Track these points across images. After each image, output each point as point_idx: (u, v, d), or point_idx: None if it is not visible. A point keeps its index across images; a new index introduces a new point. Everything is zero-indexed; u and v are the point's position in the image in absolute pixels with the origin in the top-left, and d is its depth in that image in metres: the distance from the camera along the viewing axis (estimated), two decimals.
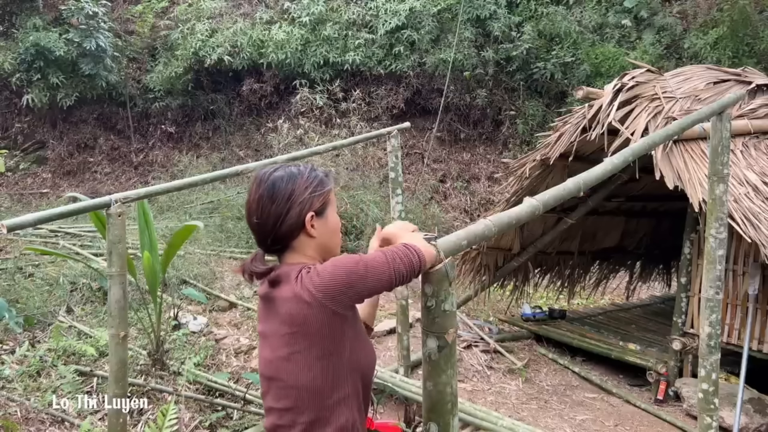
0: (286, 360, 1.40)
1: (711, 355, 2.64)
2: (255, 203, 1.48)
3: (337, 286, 1.33)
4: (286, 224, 1.46)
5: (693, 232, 4.87)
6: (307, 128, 9.61)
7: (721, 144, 2.57)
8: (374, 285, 1.34)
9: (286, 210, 1.46)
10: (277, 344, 1.42)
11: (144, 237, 4.04)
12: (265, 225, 1.47)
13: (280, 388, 1.43)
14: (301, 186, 1.48)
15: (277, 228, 1.46)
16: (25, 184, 11.63)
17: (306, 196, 1.48)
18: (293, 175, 1.49)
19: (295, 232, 1.48)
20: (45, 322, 4.66)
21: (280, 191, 1.47)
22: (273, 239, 1.48)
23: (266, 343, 1.47)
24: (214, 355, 4.49)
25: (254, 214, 1.48)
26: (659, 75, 4.93)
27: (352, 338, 1.43)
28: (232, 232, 7.99)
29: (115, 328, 2.83)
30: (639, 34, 10.86)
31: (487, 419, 3.72)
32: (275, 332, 1.42)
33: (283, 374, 1.41)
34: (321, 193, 1.51)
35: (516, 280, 6.53)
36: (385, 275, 1.34)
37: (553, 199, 1.90)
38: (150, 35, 12.60)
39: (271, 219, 1.46)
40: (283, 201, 1.46)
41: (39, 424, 3.36)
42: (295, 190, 1.47)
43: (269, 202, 1.46)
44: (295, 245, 1.49)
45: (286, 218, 1.46)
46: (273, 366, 1.44)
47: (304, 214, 1.47)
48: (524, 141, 11.02)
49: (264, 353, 1.48)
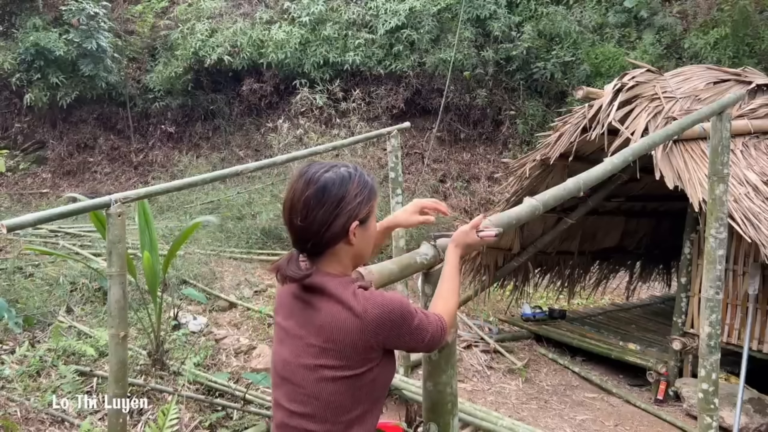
0: (309, 369, 1.37)
1: (711, 355, 2.64)
2: (301, 203, 1.38)
3: (388, 327, 1.36)
4: (331, 231, 1.38)
5: (693, 232, 4.87)
6: (307, 128, 9.61)
7: (721, 144, 2.57)
8: (406, 343, 1.43)
9: (333, 216, 1.37)
10: (302, 350, 1.39)
11: (144, 237, 4.03)
12: (308, 229, 1.38)
13: (295, 392, 1.40)
14: (352, 192, 1.40)
15: (322, 234, 1.38)
16: (25, 184, 11.62)
17: (355, 204, 1.40)
18: (345, 179, 1.40)
19: (338, 239, 1.40)
20: (45, 322, 4.66)
21: (330, 195, 1.37)
22: (314, 243, 1.40)
23: (287, 341, 1.43)
24: (214, 355, 4.49)
25: (298, 215, 1.38)
26: (659, 75, 4.93)
27: (379, 364, 1.41)
28: (232, 232, 7.98)
29: (115, 328, 2.83)
30: (639, 34, 10.86)
31: (487, 419, 3.72)
32: (302, 337, 1.39)
33: (301, 380, 1.38)
34: (368, 202, 1.44)
35: (516, 280, 6.52)
36: (418, 343, 1.43)
37: (553, 199, 1.90)
38: (150, 35, 12.60)
39: (316, 224, 1.37)
40: (332, 206, 1.37)
41: (39, 424, 3.36)
42: (346, 197, 1.39)
43: (317, 206, 1.37)
44: (333, 251, 1.43)
45: (332, 225, 1.38)
46: (291, 369, 1.41)
47: (350, 222, 1.39)
48: (524, 141, 11.02)
49: (282, 351, 1.44)
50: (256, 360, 4.42)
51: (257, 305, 5.61)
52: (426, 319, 1.42)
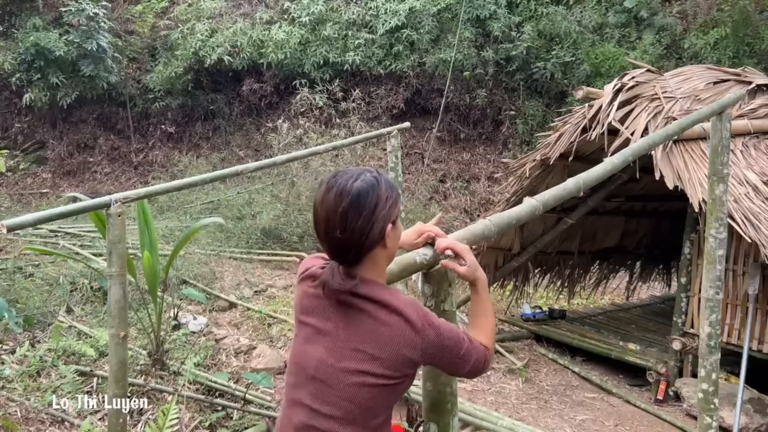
0: (349, 373, 1.38)
1: (711, 355, 2.64)
2: (338, 216, 1.37)
3: (438, 351, 1.42)
4: (370, 238, 1.39)
5: (693, 232, 4.87)
6: (306, 128, 9.61)
7: (721, 144, 2.57)
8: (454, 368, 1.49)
9: (371, 224, 1.38)
10: (344, 354, 1.39)
11: (144, 237, 4.03)
12: (349, 240, 1.38)
13: (327, 393, 1.40)
14: (383, 197, 1.41)
15: (362, 242, 1.39)
16: (25, 184, 11.63)
17: (387, 208, 1.42)
18: (374, 185, 1.41)
19: (376, 244, 1.42)
20: (45, 322, 4.66)
21: (366, 204, 1.38)
22: (355, 253, 1.41)
23: (322, 341, 1.43)
24: (214, 355, 4.49)
25: (336, 229, 1.37)
26: (659, 75, 4.93)
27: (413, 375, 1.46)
28: (232, 232, 7.98)
29: (115, 328, 2.83)
30: (639, 34, 10.86)
31: (487, 419, 3.72)
32: (347, 341, 1.39)
33: (336, 383, 1.39)
34: (396, 203, 1.46)
35: (516, 280, 6.53)
36: (464, 368, 1.48)
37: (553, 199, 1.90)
38: (150, 35, 12.60)
39: (356, 233, 1.37)
40: (369, 215, 1.38)
41: (39, 424, 3.36)
42: (379, 203, 1.40)
43: (356, 216, 1.37)
44: (371, 257, 1.44)
45: (371, 233, 1.39)
46: (327, 370, 1.40)
47: (386, 226, 1.41)
48: (524, 141, 11.02)
49: (315, 352, 1.43)
50: (256, 360, 4.42)
51: (257, 305, 5.61)
52: (473, 349, 1.47)
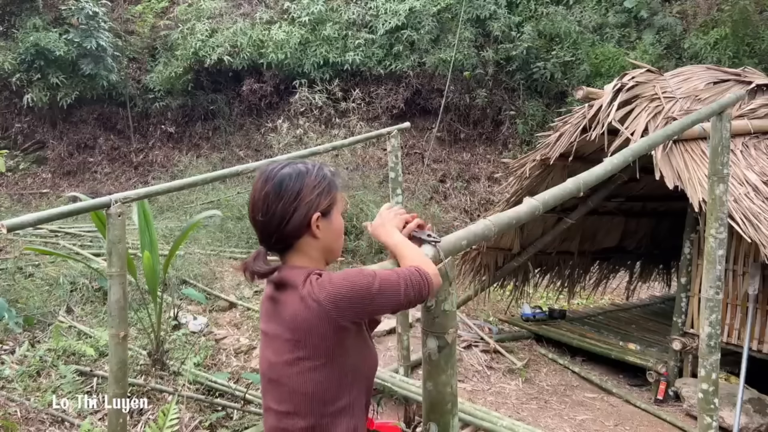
0: (289, 365, 1.39)
1: (711, 355, 2.64)
2: (261, 200, 1.44)
3: (346, 300, 1.33)
4: (291, 224, 1.42)
5: (693, 232, 4.87)
6: (306, 128, 9.62)
7: (721, 144, 2.57)
8: (382, 306, 1.36)
9: (292, 209, 1.42)
10: (280, 348, 1.41)
11: (144, 237, 4.03)
12: (269, 223, 1.43)
13: (282, 391, 1.42)
14: (310, 185, 1.45)
15: (282, 227, 1.43)
16: (25, 184, 11.62)
17: (314, 196, 1.44)
18: (301, 173, 1.46)
19: (300, 232, 1.44)
20: (45, 322, 4.66)
21: (287, 189, 1.43)
22: (277, 238, 1.45)
23: (269, 343, 1.46)
24: (214, 355, 4.49)
25: (259, 212, 1.44)
26: (659, 75, 4.93)
27: (356, 347, 1.42)
28: (232, 232, 7.99)
29: (115, 328, 2.83)
30: (639, 34, 10.86)
31: (487, 419, 3.71)
32: (279, 335, 1.41)
33: (285, 378, 1.40)
34: (329, 194, 1.48)
35: (516, 280, 6.52)
36: (394, 299, 1.35)
37: (553, 199, 1.90)
38: (150, 35, 12.60)
39: (276, 217, 1.42)
40: (290, 200, 1.42)
41: (39, 424, 3.36)
42: (303, 189, 1.44)
43: (276, 200, 1.42)
44: (298, 245, 1.46)
45: (292, 218, 1.42)
46: (275, 369, 1.42)
47: (310, 214, 1.43)
48: (524, 141, 11.02)
49: (266, 354, 1.47)
50: (256, 360, 4.42)
51: (257, 305, 5.61)
52: (392, 275, 1.36)
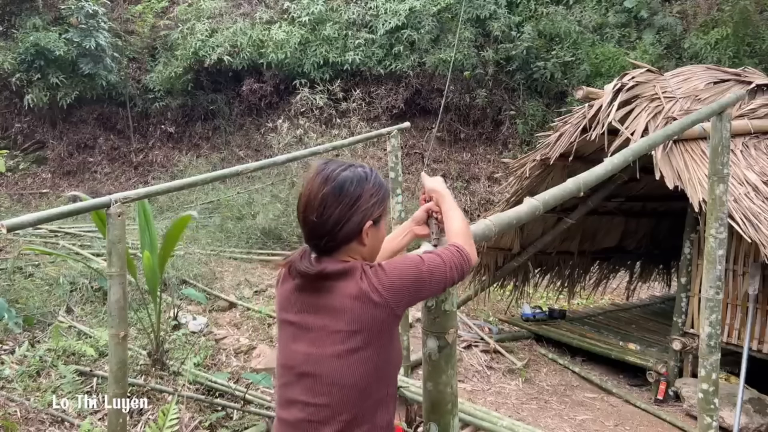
0: (336, 357, 1.36)
1: (711, 355, 2.64)
2: (318, 201, 1.39)
3: (404, 289, 1.35)
4: (345, 229, 1.40)
5: (693, 232, 4.87)
6: (306, 128, 9.61)
7: (721, 144, 2.57)
8: (432, 291, 1.41)
9: (349, 215, 1.39)
10: (326, 340, 1.37)
11: (144, 237, 4.03)
12: (323, 225, 1.40)
13: (319, 383, 1.38)
14: (368, 192, 1.42)
15: (336, 231, 1.39)
16: (25, 184, 11.62)
17: (370, 204, 1.42)
18: (362, 179, 1.43)
19: (351, 238, 1.42)
20: (45, 322, 4.66)
21: (347, 194, 1.39)
22: (327, 241, 1.41)
23: (303, 336, 1.41)
24: (214, 355, 4.49)
25: (314, 212, 1.39)
26: (659, 75, 4.93)
27: (396, 338, 1.43)
28: (232, 232, 7.98)
29: (115, 328, 2.82)
30: (639, 34, 10.86)
31: (487, 419, 3.71)
32: (324, 327, 1.38)
33: (327, 370, 1.37)
34: (382, 203, 1.46)
35: (516, 280, 6.53)
36: (442, 283, 1.40)
37: (553, 199, 1.90)
38: (150, 35, 12.59)
39: (332, 221, 1.39)
40: (348, 205, 1.39)
41: (39, 424, 3.36)
42: (362, 196, 1.41)
43: (334, 203, 1.39)
44: (345, 250, 1.43)
45: (348, 223, 1.39)
46: (314, 361, 1.38)
47: (364, 222, 1.41)
48: (524, 141, 11.02)
49: (298, 347, 1.42)
50: (256, 360, 4.41)
51: (257, 305, 5.61)
52: (437, 259, 1.40)
